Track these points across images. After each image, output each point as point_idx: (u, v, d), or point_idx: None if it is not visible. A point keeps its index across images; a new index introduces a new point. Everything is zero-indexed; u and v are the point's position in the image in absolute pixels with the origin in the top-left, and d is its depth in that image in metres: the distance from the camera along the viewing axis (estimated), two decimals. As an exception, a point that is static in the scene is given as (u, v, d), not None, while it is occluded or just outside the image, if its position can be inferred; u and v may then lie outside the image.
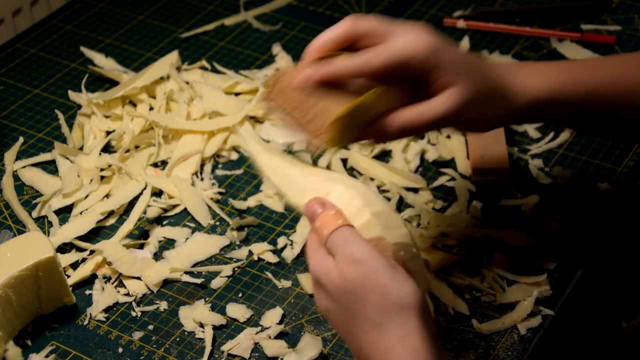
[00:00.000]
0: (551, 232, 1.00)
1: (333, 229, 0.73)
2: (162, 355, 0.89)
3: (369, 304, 0.70)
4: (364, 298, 0.70)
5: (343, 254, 0.72)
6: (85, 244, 0.99)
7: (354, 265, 0.71)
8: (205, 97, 1.14)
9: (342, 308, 0.72)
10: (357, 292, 0.70)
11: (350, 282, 0.71)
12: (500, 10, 1.31)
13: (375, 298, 0.70)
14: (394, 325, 0.70)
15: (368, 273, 0.70)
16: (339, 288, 0.71)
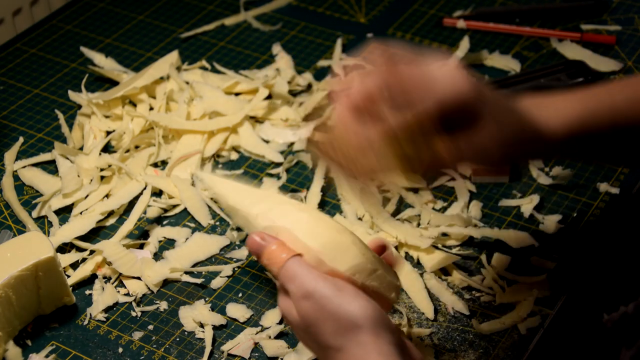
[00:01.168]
0: (551, 232, 1.00)
1: (280, 265, 0.74)
2: (162, 355, 0.89)
3: (327, 333, 0.72)
4: (321, 329, 0.72)
5: (293, 291, 0.73)
6: (85, 244, 0.99)
7: (304, 300, 0.73)
8: (205, 97, 1.14)
9: (310, 341, 0.74)
10: (315, 324, 0.73)
11: (306, 317, 0.73)
12: (500, 10, 1.31)
13: (330, 326, 0.72)
14: (353, 346, 0.71)
15: (318, 304, 0.72)
16: (300, 325, 0.74)
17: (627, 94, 0.84)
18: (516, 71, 1.21)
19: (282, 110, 1.14)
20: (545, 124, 0.81)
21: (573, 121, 0.81)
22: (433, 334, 0.90)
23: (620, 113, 0.83)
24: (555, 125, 0.81)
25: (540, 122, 0.80)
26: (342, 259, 0.74)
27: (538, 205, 1.02)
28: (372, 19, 1.32)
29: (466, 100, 0.75)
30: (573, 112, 0.82)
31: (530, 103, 0.82)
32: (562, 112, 0.82)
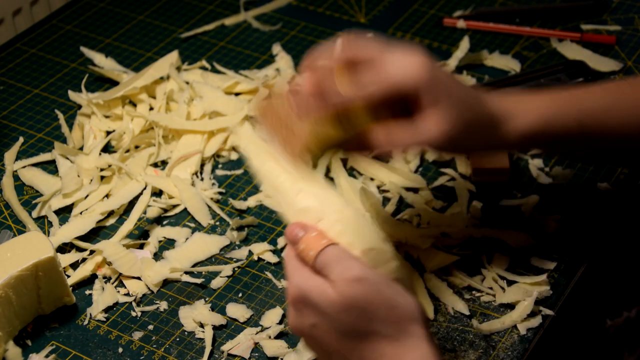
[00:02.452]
0: (551, 232, 1.00)
1: (319, 249, 0.73)
2: (162, 355, 0.89)
3: (376, 319, 0.71)
4: (370, 313, 0.71)
5: (339, 272, 0.72)
6: (85, 244, 0.99)
7: (354, 283, 0.71)
8: (205, 97, 1.14)
9: (337, 324, 0.72)
10: (362, 308, 0.71)
11: (353, 299, 0.71)
12: (500, 10, 1.31)
13: (383, 312, 0.71)
14: (404, 336, 0.71)
15: (372, 289, 0.71)
16: (338, 305, 0.71)
17: (600, 99, 0.85)
18: (516, 71, 1.21)
19: (282, 110, 1.14)
20: (506, 117, 0.82)
21: (537, 119, 0.82)
22: (433, 334, 0.90)
23: (590, 117, 0.84)
24: (518, 121, 0.82)
25: (501, 114, 0.81)
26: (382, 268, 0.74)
27: (538, 205, 1.02)
28: (372, 19, 1.32)
29: (417, 84, 0.77)
30: (539, 110, 0.83)
31: (498, 96, 0.83)
32: (528, 109, 0.83)
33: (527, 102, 0.83)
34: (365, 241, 0.74)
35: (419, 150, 0.83)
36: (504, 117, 0.82)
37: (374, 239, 0.75)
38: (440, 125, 0.78)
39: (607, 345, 0.89)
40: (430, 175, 1.07)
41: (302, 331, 0.74)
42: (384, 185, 1.05)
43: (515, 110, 0.82)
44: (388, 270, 0.74)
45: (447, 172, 1.06)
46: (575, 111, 0.84)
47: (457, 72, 1.21)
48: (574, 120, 0.84)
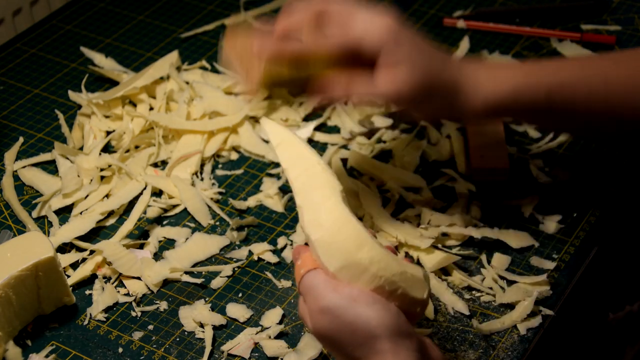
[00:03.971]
0: (551, 232, 1.00)
1: (299, 280, 0.76)
2: (162, 355, 0.89)
3: (346, 345, 0.73)
4: (340, 342, 0.73)
5: (310, 303, 0.75)
6: (85, 244, 0.99)
7: (321, 315, 0.74)
8: (205, 97, 1.14)
9: (333, 351, 0.76)
10: (333, 337, 0.74)
11: (323, 331, 0.74)
12: (500, 10, 1.31)
13: (348, 338, 0.73)
14: (371, 355, 0.72)
15: (333, 318, 0.73)
16: (317, 335, 0.76)
17: (577, 75, 0.85)
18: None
19: (282, 110, 1.15)
20: (473, 85, 0.83)
21: (505, 90, 0.84)
22: (433, 334, 0.90)
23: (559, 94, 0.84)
24: (484, 90, 0.83)
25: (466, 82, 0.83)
26: (357, 281, 0.75)
27: (538, 205, 1.02)
28: (372, 19, 1.32)
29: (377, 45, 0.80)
30: (508, 81, 0.84)
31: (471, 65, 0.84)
32: (497, 79, 0.84)
33: (497, 72, 0.85)
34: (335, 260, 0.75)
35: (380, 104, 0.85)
36: (470, 85, 0.83)
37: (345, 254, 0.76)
38: (395, 84, 0.81)
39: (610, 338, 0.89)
40: (430, 175, 1.07)
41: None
42: (384, 185, 1.05)
43: (483, 79, 0.84)
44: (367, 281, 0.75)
45: (447, 172, 1.06)
46: (544, 85, 0.85)
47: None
48: (543, 94, 0.85)
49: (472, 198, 1.04)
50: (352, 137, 1.11)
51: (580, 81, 0.85)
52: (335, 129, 1.13)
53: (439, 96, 0.83)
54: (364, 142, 1.10)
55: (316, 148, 1.11)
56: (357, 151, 1.08)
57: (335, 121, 1.14)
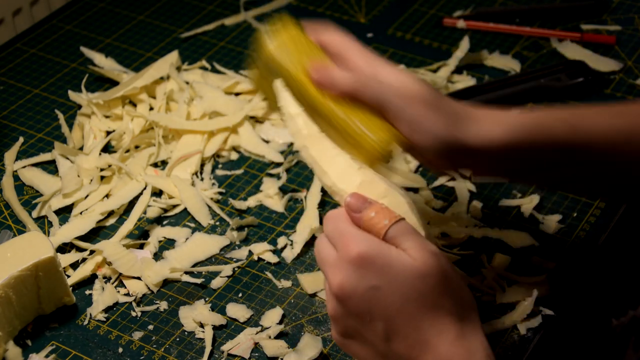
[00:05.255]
0: (551, 232, 1.00)
1: (394, 220, 0.72)
2: (162, 355, 0.89)
3: (447, 295, 0.71)
4: (444, 287, 0.71)
5: (416, 243, 0.71)
6: (85, 244, 0.99)
7: (433, 256, 0.71)
8: (205, 97, 1.14)
9: (407, 289, 0.70)
10: (438, 279, 0.71)
11: (433, 268, 0.70)
12: (500, 10, 1.31)
13: (454, 291, 0.71)
14: (466, 320, 0.72)
15: (447, 266, 0.72)
16: (415, 271, 0.70)
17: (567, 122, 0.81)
18: (516, 71, 1.21)
19: (282, 110, 1.14)
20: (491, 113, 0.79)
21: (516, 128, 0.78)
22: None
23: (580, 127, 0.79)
24: (506, 116, 0.79)
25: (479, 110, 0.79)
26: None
27: (538, 205, 1.02)
28: (372, 19, 1.32)
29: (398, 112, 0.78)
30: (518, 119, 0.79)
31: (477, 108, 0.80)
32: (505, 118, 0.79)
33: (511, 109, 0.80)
34: (425, 228, 0.75)
35: None
36: (483, 113, 0.79)
37: (427, 230, 0.76)
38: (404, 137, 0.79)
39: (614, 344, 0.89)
40: (430, 175, 1.07)
41: (355, 292, 0.71)
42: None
43: (499, 112, 0.79)
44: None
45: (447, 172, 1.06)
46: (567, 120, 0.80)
47: (457, 72, 1.21)
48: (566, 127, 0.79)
49: (472, 198, 1.04)
50: (352, 137, 1.11)
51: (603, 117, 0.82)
52: (335, 129, 1.13)
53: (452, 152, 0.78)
54: None
55: (316, 148, 1.11)
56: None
57: (335, 121, 1.14)
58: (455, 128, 0.77)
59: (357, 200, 0.74)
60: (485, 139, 0.78)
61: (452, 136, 0.77)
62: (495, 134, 0.78)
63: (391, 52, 1.25)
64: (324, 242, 0.75)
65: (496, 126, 0.78)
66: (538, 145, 0.79)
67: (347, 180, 0.78)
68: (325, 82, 0.80)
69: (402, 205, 0.76)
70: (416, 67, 1.22)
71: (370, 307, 0.71)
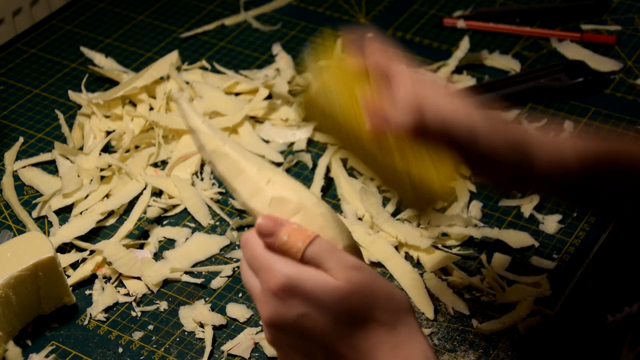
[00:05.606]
0: (551, 232, 1.00)
1: (309, 240, 0.70)
2: (162, 355, 0.89)
3: (376, 306, 0.70)
4: (371, 301, 0.70)
5: (336, 261, 0.70)
6: (85, 244, 0.99)
7: (355, 271, 0.70)
8: (205, 97, 1.14)
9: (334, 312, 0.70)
10: (364, 294, 0.70)
11: (356, 285, 0.70)
12: (500, 10, 1.31)
13: (382, 300, 0.70)
14: (400, 325, 0.71)
15: (371, 277, 0.71)
16: (340, 292, 0.69)
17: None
18: (516, 71, 1.21)
19: (282, 110, 1.15)
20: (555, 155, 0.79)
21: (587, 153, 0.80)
22: (433, 334, 0.90)
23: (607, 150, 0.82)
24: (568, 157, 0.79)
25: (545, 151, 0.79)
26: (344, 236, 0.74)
27: (538, 205, 1.02)
28: (372, 19, 1.32)
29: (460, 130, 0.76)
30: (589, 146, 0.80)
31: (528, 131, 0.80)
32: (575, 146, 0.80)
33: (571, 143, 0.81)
34: (345, 237, 0.73)
35: None
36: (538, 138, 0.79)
37: (349, 235, 0.74)
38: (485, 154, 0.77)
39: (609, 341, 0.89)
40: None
41: (284, 323, 0.70)
42: (384, 185, 1.05)
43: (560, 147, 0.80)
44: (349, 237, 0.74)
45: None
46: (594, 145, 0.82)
47: (457, 72, 1.21)
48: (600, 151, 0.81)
49: (472, 198, 1.04)
50: (352, 137, 1.11)
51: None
52: (335, 129, 1.13)
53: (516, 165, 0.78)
54: None
55: (316, 148, 1.11)
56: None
57: (335, 121, 1.14)
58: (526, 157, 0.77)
59: (268, 224, 0.72)
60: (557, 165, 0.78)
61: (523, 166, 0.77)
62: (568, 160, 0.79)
63: (391, 52, 1.25)
64: (246, 271, 0.73)
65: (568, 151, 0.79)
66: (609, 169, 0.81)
67: (257, 198, 0.74)
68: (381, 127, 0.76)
69: (316, 218, 0.73)
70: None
71: (303, 333, 0.70)
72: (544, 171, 0.78)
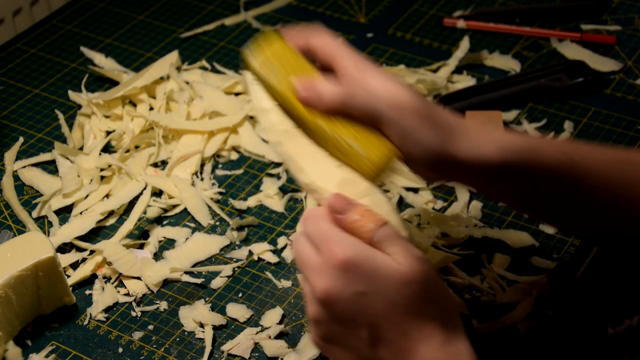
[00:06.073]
0: (551, 232, 1.00)
1: (380, 223, 0.71)
2: (162, 355, 0.89)
3: (434, 301, 0.70)
4: (430, 293, 0.70)
5: (402, 248, 0.70)
6: (85, 244, 0.99)
7: (420, 261, 0.70)
8: (205, 97, 1.14)
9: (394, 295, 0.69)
10: (425, 286, 0.69)
11: (420, 274, 0.69)
12: (500, 10, 1.31)
13: (440, 297, 0.71)
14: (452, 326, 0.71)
15: (432, 272, 0.71)
16: (403, 277, 0.69)
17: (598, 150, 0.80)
18: (516, 71, 1.21)
19: (282, 110, 1.14)
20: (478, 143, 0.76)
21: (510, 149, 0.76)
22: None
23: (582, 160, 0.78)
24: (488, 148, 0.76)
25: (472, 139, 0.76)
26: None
27: (538, 205, 1.02)
28: (372, 19, 1.32)
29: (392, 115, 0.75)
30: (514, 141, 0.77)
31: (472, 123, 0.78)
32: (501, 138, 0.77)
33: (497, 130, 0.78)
34: (404, 229, 0.74)
35: None
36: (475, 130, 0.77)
37: (408, 230, 0.75)
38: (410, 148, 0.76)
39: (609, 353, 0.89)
40: (430, 175, 1.07)
41: (340, 297, 0.69)
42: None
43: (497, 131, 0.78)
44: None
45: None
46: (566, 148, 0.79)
47: (457, 72, 1.21)
48: (565, 155, 0.78)
49: (472, 198, 1.04)
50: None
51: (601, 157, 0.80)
52: (335, 129, 1.13)
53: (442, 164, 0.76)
54: None
55: (316, 148, 1.11)
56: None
57: (335, 121, 1.14)
58: (448, 141, 0.75)
59: (340, 201, 0.72)
60: (477, 155, 0.76)
61: (444, 149, 0.75)
62: (489, 151, 0.76)
63: (391, 52, 1.25)
64: (304, 242, 0.72)
65: (490, 144, 0.76)
66: (531, 169, 0.77)
67: (326, 177, 0.75)
68: (312, 99, 0.77)
69: (383, 204, 0.74)
70: (416, 67, 1.22)
71: (356, 312, 0.70)
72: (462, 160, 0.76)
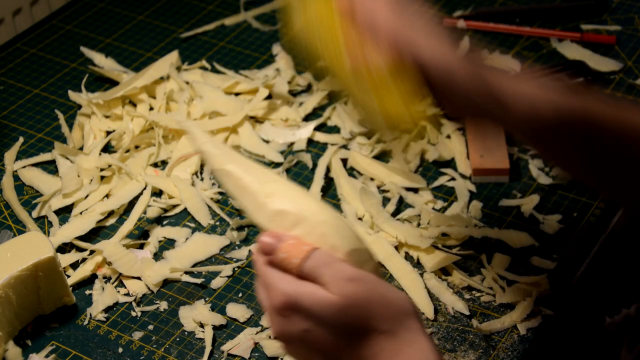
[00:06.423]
0: (551, 232, 1.00)
1: (303, 255, 0.71)
2: (162, 355, 0.89)
3: (374, 316, 0.71)
4: (368, 311, 0.71)
5: (331, 274, 0.71)
6: (85, 244, 0.99)
7: (350, 283, 0.70)
8: (205, 97, 1.14)
9: (333, 325, 0.71)
10: (361, 306, 0.70)
11: (352, 298, 0.70)
12: (500, 10, 1.31)
13: (380, 309, 0.71)
14: (401, 330, 0.71)
15: (367, 287, 0.71)
16: (336, 306, 0.70)
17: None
18: (516, 71, 1.21)
19: (282, 110, 1.15)
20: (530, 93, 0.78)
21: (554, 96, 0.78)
22: (433, 334, 0.90)
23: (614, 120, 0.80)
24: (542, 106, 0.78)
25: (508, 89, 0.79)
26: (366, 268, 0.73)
27: (538, 205, 1.02)
28: (372, 19, 1.32)
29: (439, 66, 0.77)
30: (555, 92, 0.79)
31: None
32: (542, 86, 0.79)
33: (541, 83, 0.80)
34: (347, 242, 0.73)
35: None
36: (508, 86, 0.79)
37: (354, 239, 0.74)
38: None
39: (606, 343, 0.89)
40: (430, 175, 1.07)
41: (290, 338, 0.73)
42: (384, 185, 1.05)
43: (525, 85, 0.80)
44: (371, 268, 0.73)
45: (447, 172, 1.06)
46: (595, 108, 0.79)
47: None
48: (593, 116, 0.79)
49: (472, 198, 1.04)
50: (352, 137, 1.11)
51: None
52: (335, 129, 1.13)
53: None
54: (364, 142, 1.10)
55: (316, 148, 1.11)
56: (357, 151, 1.08)
57: (335, 121, 1.14)
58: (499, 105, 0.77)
59: (268, 241, 0.73)
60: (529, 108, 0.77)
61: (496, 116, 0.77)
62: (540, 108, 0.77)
63: (391, 52, 1.25)
64: (259, 287, 0.74)
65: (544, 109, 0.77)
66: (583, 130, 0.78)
67: (260, 213, 0.75)
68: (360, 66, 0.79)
69: (316, 228, 0.73)
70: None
71: (308, 347, 0.72)
72: (518, 122, 0.77)
